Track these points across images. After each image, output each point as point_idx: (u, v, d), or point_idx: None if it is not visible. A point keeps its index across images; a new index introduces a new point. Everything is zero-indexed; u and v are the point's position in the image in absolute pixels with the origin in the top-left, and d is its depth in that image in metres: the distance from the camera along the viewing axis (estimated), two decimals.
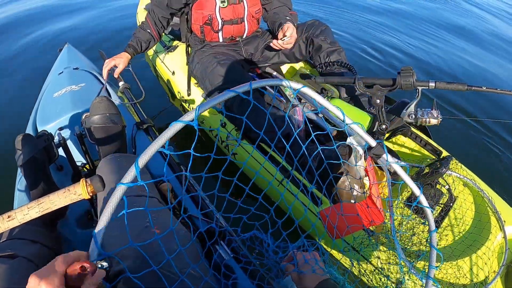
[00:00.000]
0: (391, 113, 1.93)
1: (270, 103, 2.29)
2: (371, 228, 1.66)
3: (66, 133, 1.84)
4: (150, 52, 3.22)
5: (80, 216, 1.67)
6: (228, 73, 2.25)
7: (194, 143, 0.79)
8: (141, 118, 1.93)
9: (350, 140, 1.77)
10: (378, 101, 1.79)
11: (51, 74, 2.54)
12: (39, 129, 1.93)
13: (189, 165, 0.84)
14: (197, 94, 2.60)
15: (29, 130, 2.03)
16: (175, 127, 0.74)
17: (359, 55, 4.39)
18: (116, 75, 2.26)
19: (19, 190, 1.69)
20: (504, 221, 1.81)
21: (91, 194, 0.91)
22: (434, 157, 2.11)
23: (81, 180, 0.91)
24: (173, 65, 2.85)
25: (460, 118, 3.04)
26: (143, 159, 0.71)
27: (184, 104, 2.80)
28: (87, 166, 1.73)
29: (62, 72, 2.41)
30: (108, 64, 2.23)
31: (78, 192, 0.89)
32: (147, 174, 1.51)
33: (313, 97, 0.98)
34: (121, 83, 2.21)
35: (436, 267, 1.08)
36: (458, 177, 1.99)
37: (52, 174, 1.60)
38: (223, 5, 2.31)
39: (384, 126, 1.86)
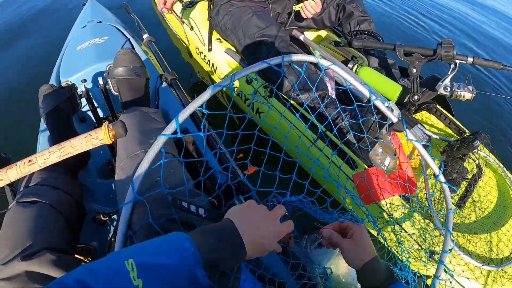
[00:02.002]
0: (422, 86, 1.89)
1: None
2: (406, 195, 1.62)
3: (89, 85, 1.83)
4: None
5: (102, 166, 1.69)
6: (264, 24, 2.15)
7: (230, 105, 0.92)
8: (165, 71, 1.89)
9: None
10: (414, 70, 1.77)
11: (74, 28, 2.52)
12: (62, 81, 1.92)
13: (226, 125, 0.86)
14: (219, 50, 2.52)
15: (52, 82, 2.02)
16: (213, 90, 0.82)
17: (388, 23, 4.28)
18: (170, 6, 2.30)
19: (42, 141, 1.70)
20: None
21: (112, 139, 0.89)
22: (456, 135, 2.10)
23: (103, 125, 0.89)
24: (191, 21, 2.76)
25: (492, 95, 2.99)
26: (183, 116, 0.80)
27: (202, 60, 2.72)
28: (109, 117, 1.73)
29: (86, 26, 2.38)
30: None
31: (99, 136, 0.88)
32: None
33: (342, 75, 1.00)
34: (145, 36, 2.18)
35: (450, 250, 1.06)
36: (482, 156, 2.00)
37: (75, 125, 1.61)
38: None
39: (416, 97, 1.83)
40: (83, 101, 1.64)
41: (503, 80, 3.68)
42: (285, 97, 2.07)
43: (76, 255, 1.20)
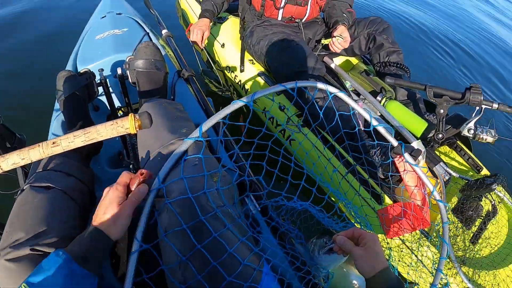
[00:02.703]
0: (446, 123, 1.98)
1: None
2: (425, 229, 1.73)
3: (106, 74, 1.86)
4: (192, 20, 3.19)
5: (112, 156, 1.70)
6: (303, 55, 2.20)
7: (248, 118, 0.99)
8: (183, 67, 1.92)
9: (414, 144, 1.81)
10: (442, 111, 1.89)
11: (93, 18, 2.54)
12: (79, 69, 1.94)
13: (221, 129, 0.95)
14: (251, 71, 2.55)
15: (69, 68, 2.04)
16: (235, 105, 0.94)
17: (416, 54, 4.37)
18: (203, 42, 2.37)
19: (55, 126, 1.72)
20: None
21: (137, 129, 0.92)
22: (474, 172, 2.18)
23: (130, 114, 0.92)
24: (223, 38, 2.78)
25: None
26: (206, 126, 0.92)
27: (233, 79, 2.74)
28: (123, 108, 1.75)
29: (105, 16, 2.41)
30: (196, 34, 2.30)
31: (125, 125, 0.90)
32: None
33: (348, 102, 1.10)
34: (164, 31, 2.21)
35: (445, 258, 1.14)
36: (497, 194, 2.06)
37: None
38: None
39: (440, 136, 1.93)
40: (100, 90, 1.66)
41: None
42: (317, 127, 2.10)
43: None
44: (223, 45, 2.75)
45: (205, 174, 0.88)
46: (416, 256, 1.73)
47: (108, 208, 0.85)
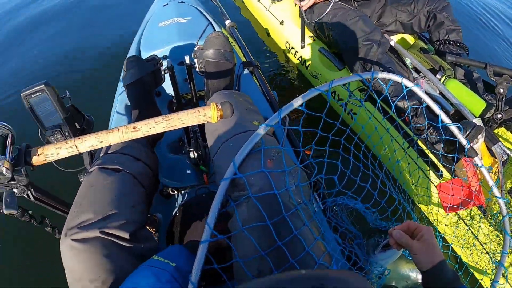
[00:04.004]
0: (505, 104, 1.94)
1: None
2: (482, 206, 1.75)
3: (171, 61, 1.89)
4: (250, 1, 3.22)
5: (172, 142, 1.73)
6: (369, 29, 2.22)
7: (325, 109, 0.94)
8: (248, 58, 1.93)
9: (475, 121, 1.91)
10: (501, 90, 1.86)
11: (155, 5, 2.58)
12: (143, 55, 1.98)
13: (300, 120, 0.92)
14: (313, 48, 2.59)
15: (131, 54, 2.08)
16: (313, 93, 0.92)
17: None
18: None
19: (117, 111, 1.76)
20: None
21: (219, 119, 0.92)
22: None
23: (212, 104, 0.92)
24: (281, 15, 2.82)
25: None
26: (285, 111, 0.88)
27: (293, 55, 2.78)
28: (186, 95, 1.77)
29: (168, 4, 2.44)
30: None
31: (208, 114, 0.91)
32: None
33: (422, 97, 1.11)
34: (227, 22, 2.22)
35: (507, 252, 1.16)
36: None
37: None
38: None
39: (499, 116, 1.92)
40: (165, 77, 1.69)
41: None
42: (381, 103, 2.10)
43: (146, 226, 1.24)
44: (282, 22, 2.80)
45: (286, 170, 0.87)
46: (472, 233, 1.74)
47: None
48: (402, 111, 2.04)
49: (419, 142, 1.94)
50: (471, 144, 1.70)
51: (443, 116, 1.12)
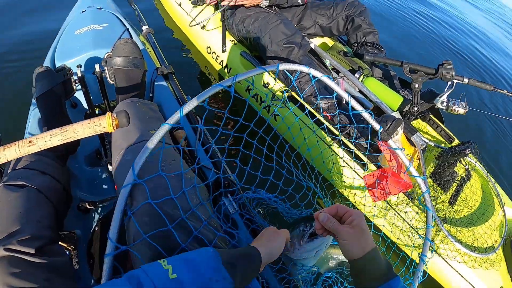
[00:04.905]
0: (420, 99, 2.14)
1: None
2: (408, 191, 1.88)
3: (85, 70, 1.83)
4: (169, 5, 3.21)
5: (90, 154, 1.69)
6: (290, 31, 2.29)
7: (229, 106, 0.96)
8: (162, 64, 1.92)
9: (395, 114, 2.05)
10: (417, 85, 2.08)
11: (73, 12, 2.50)
12: (57, 65, 1.91)
13: (203, 117, 0.97)
14: (234, 51, 2.62)
15: (47, 63, 2.01)
16: (215, 88, 0.89)
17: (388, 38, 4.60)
18: None
19: (32, 123, 1.69)
20: (504, 203, 2.21)
21: (115, 128, 0.91)
22: (447, 142, 2.37)
23: (107, 113, 0.91)
24: (202, 19, 2.83)
25: (481, 112, 3.38)
26: (187, 108, 0.87)
27: (214, 60, 2.81)
28: (102, 106, 1.73)
29: (85, 10, 2.37)
30: None
31: (103, 124, 0.90)
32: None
33: (332, 86, 1.14)
34: (144, 27, 2.20)
35: (432, 226, 1.22)
36: (469, 161, 2.28)
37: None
38: None
39: (416, 108, 2.14)
40: (77, 87, 1.64)
41: (495, 99, 4.18)
42: (303, 102, 2.20)
43: (60, 243, 1.21)
44: (203, 27, 2.82)
45: (182, 172, 0.88)
46: (401, 216, 1.89)
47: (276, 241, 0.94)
48: (325, 110, 2.14)
49: (343, 139, 2.03)
50: (392, 136, 1.84)
51: (353, 103, 1.15)
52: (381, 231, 1.73)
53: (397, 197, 1.92)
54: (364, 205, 1.84)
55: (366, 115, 1.19)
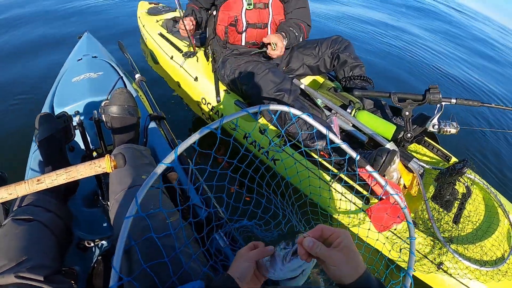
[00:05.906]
0: (412, 124, 2.22)
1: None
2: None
3: (82, 117, 1.97)
4: (163, 58, 3.40)
5: (87, 196, 1.79)
6: (279, 79, 2.37)
7: (216, 146, 1.07)
8: (154, 110, 2.07)
9: (388, 146, 2.13)
10: (407, 113, 2.19)
11: (70, 60, 2.66)
12: (56, 111, 2.04)
13: (194, 158, 1.11)
14: (227, 100, 2.70)
15: (45, 110, 2.14)
16: (203, 131, 1.00)
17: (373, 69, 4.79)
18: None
19: (32, 165, 1.80)
20: (508, 212, 2.19)
21: (113, 169, 1.05)
22: (444, 161, 2.43)
23: (106, 155, 1.06)
24: (194, 72, 2.96)
25: (472, 128, 3.65)
26: (181, 148, 0.96)
27: (210, 110, 2.89)
28: (98, 149, 1.86)
29: (81, 59, 2.54)
30: (186, 22, 2.60)
31: (102, 165, 1.04)
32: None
33: (312, 123, 1.19)
34: (137, 76, 2.36)
35: (414, 238, 1.21)
36: (468, 177, 2.31)
37: None
38: (249, 7, 2.49)
39: (409, 135, 2.22)
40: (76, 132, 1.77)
41: (485, 114, 4.31)
42: (298, 144, 2.24)
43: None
44: (196, 79, 2.92)
45: (163, 211, 1.02)
46: (392, 231, 1.92)
47: (241, 262, 0.90)
48: (321, 151, 2.21)
49: (342, 176, 2.05)
50: (389, 167, 1.96)
51: (332, 136, 1.21)
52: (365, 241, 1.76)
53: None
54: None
55: (343, 146, 1.25)
